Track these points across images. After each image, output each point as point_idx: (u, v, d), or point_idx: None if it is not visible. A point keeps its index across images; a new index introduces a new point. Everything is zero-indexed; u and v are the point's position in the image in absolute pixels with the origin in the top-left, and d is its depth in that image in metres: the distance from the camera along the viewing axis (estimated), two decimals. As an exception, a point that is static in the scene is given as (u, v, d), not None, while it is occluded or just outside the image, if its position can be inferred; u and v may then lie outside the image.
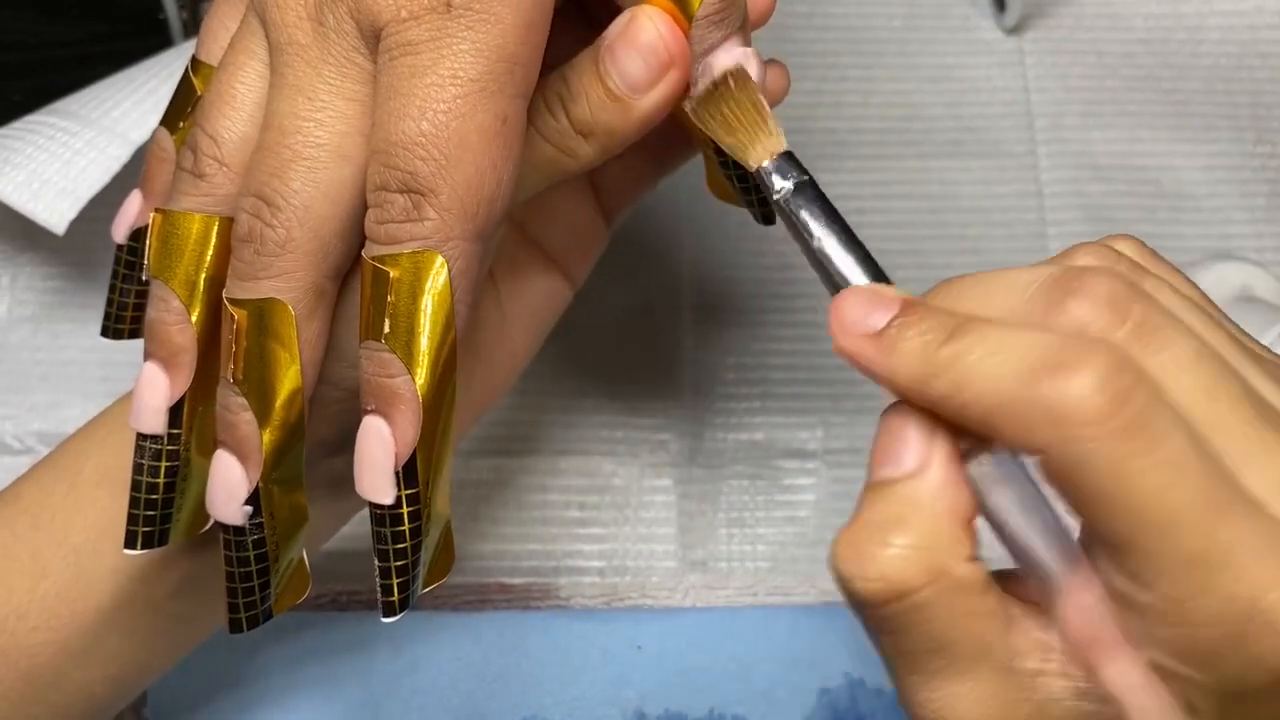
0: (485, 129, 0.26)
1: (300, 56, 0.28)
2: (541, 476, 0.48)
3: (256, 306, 0.28)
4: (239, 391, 0.28)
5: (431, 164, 0.26)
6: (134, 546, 0.30)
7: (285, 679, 0.44)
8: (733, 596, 0.46)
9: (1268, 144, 0.53)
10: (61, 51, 0.52)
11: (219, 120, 0.29)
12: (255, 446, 0.28)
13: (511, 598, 0.46)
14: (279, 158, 0.27)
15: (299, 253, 0.27)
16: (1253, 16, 0.55)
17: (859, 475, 0.48)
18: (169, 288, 0.29)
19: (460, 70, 0.26)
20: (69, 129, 0.44)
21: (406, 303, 0.27)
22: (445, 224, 0.26)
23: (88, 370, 0.49)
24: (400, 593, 0.28)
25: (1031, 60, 0.55)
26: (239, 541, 0.29)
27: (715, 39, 0.29)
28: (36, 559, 0.33)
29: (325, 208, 0.27)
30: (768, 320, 0.50)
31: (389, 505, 0.27)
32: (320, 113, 0.27)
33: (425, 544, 0.29)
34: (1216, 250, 0.51)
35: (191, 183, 0.29)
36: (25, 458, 0.48)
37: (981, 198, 0.52)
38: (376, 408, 0.27)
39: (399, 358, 0.27)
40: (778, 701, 0.44)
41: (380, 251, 0.27)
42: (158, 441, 0.30)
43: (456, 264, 0.27)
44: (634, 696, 0.44)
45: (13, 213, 0.43)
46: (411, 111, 0.26)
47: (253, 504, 0.29)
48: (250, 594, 0.30)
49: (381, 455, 0.27)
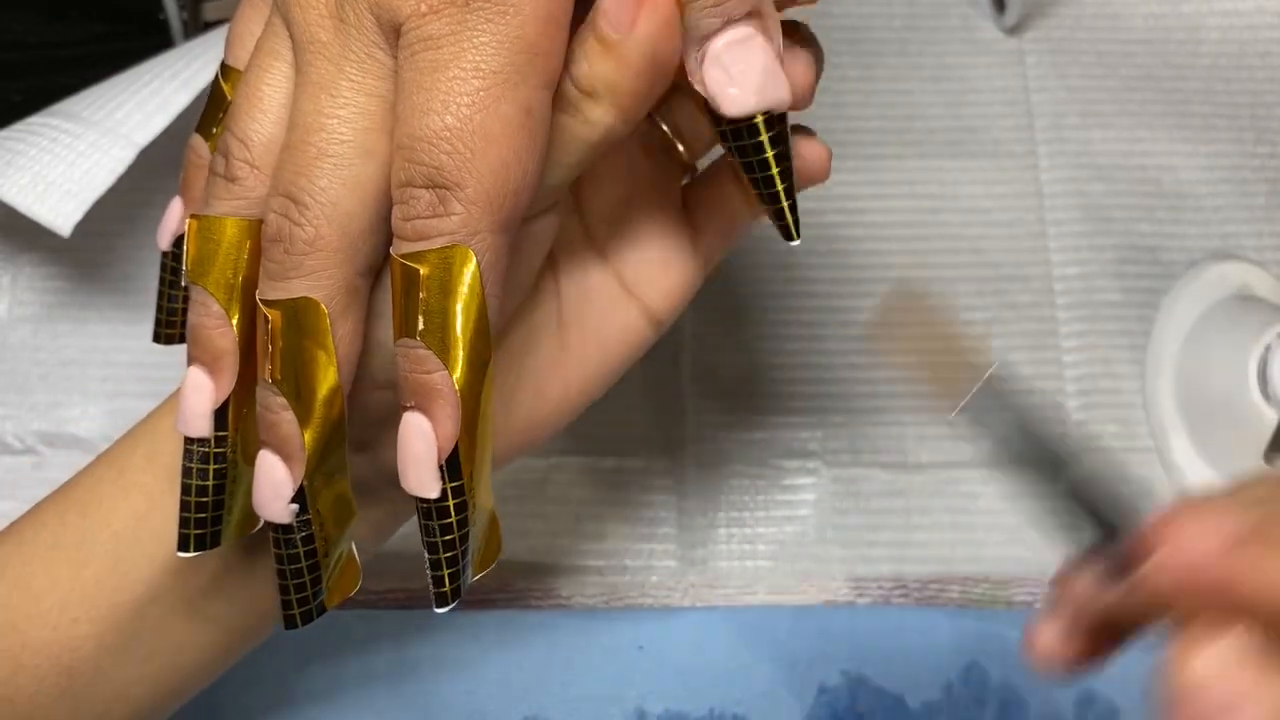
0: (509, 120, 0.26)
1: (322, 54, 0.27)
2: (540, 476, 0.48)
3: (290, 306, 0.28)
4: (278, 391, 0.28)
5: (456, 158, 0.26)
6: (186, 549, 0.30)
7: (286, 679, 0.44)
8: (733, 596, 0.46)
9: (1268, 144, 0.53)
10: (62, 52, 0.52)
11: (248, 123, 0.29)
12: (298, 445, 0.28)
13: (512, 597, 0.46)
14: (304, 155, 0.27)
15: (328, 250, 0.27)
16: (1253, 16, 0.55)
17: (859, 475, 0.48)
18: (207, 292, 0.29)
19: (482, 63, 0.26)
20: (72, 131, 0.44)
21: (438, 299, 0.27)
22: (472, 218, 0.26)
23: (88, 370, 0.49)
24: (452, 583, 0.29)
25: (1031, 60, 0.55)
26: (288, 539, 0.29)
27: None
28: (81, 548, 0.33)
29: (352, 204, 0.27)
30: (768, 320, 0.50)
31: (435, 499, 0.28)
32: (344, 109, 0.27)
33: (472, 534, 0.29)
34: (1216, 250, 0.51)
35: (224, 187, 0.29)
36: (25, 458, 0.48)
37: (981, 198, 0.52)
38: (416, 404, 0.27)
39: (435, 353, 0.27)
40: (778, 701, 0.44)
41: (408, 249, 0.27)
42: (205, 445, 0.30)
43: (485, 257, 0.27)
44: (635, 696, 0.44)
45: (13, 212, 0.43)
46: (435, 106, 0.26)
47: (299, 502, 0.29)
48: (302, 589, 0.30)
49: (424, 450, 0.27)
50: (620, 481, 0.48)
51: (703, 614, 0.45)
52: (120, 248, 0.51)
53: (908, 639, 0.44)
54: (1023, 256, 0.51)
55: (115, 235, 0.50)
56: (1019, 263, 0.51)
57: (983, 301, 0.50)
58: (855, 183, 0.52)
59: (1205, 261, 0.50)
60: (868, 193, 0.52)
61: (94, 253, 0.51)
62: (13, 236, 0.51)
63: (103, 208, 0.42)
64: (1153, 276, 0.51)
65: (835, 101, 0.54)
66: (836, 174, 0.53)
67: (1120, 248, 0.52)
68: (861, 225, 0.52)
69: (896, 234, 0.51)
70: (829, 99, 0.54)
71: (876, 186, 0.53)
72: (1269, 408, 0.45)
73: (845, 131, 0.54)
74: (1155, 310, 0.50)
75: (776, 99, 0.28)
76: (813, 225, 0.51)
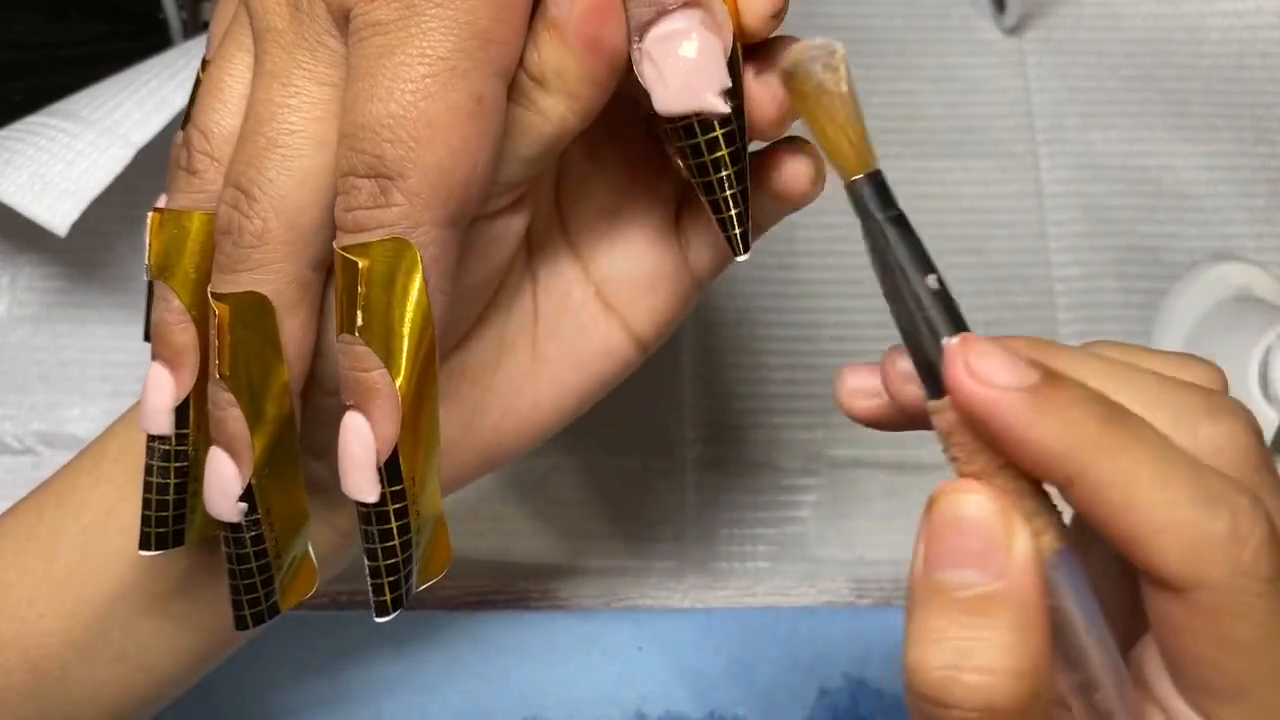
0: (457, 109, 0.25)
1: (276, 42, 0.27)
2: (540, 476, 0.48)
3: (237, 301, 0.27)
4: (226, 388, 0.27)
5: (399, 146, 0.25)
6: (148, 547, 0.30)
7: (286, 680, 0.44)
8: (732, 597, 0.46)
9: (1268, 144, 0.53)
10: (62, 51, 0.52)
11: (209, 115, 0.28)
12: (246, 443, 0.28)
13: (511, 598, 0.46)
14: (255, 146, 0.27)
15: (276, 243, 0.27)
16: (1253, 16, 0.55)
17: (859, 476, 0.48)
18: (169, 287, 0.28)
19: (429, 49, 0.25)
20: (70, 130, 0.44)
21: (379, 294, 0.26)
22: (414, 209, 0.25)
23: (87, 370, 0.49)
24: (392, 592, 0.28)
25: (1031, 60, 0.55)
26: (237, 539, 0.29)
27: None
28: (52, 539, 0.33)
29: (302, 196, 0.27)
30: (768, 320, 0.50)
31: (374, 503, 0.27)
32: (294, 98, 0.27)
33: (416, 541, 0.28)
34: (1216, 250, 0.51)
35: (185, 180, 0.28)
36: (25, 458, 0.48)
37: (981, 198, 0.52)
38: (355, 403, 0.26)
39: (374, 351, 0.26)
40: (778, 702, 0.44)
41: (349, 241, 0.26)
42: (166, 442, 0.29)
43: (428, 251, 0.26)
44: (634, 697, 0.44)
45: (12, 213, 0.43)
46: (378, 93, 0.25)
47: (247, 501, 0.28)
48: (253, 590, 0.30)
49: (363, 452, 0.26)
50: (620, 481, 0.48)
51: (703, 615, 0.45)
52: (120, 248, 0.51)
53: (908, 640, 0.44)
54: (1023, 257, 0.51)
55: (115, 235, 0.50)
56: (1019, 263, 0.51)
57: (983, 302, 0.50)
58: (855, 183, 0.52)
59: (1205, 262, 0.50)
60: (868, 193, 0.52)
61: (93, 253, 0.51)
62: (12, 237, 0.51)
63: (102, 208, 0.42)
64: (1153, 277, 0.51)
65: (835, 102, 0.54)
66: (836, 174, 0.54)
67: (1120, 248, 0.51)
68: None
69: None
70: (829, 99, 0.54)
71: (876, 187, 0.52)
72: (1270, 408, 0.45)
73: (845, 132, 0.53)
74: (1155, 310, 0.50)
75: (706, 103, 0.26)
76: (813, 225, 0.51)
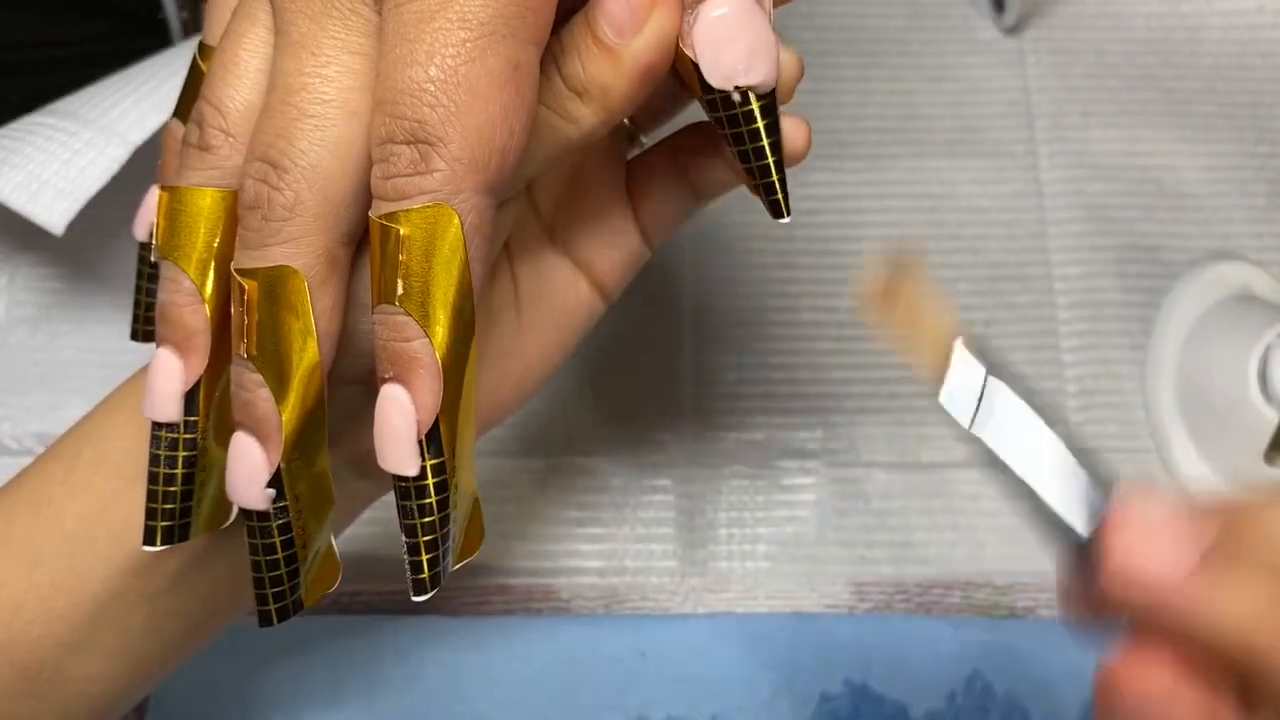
0: (496, 74, 0.25)
1: (303, 12, 0.26)
2: (540, 476, 0.48)
3: (267, 275, 0.26)
4: (253, 368, 0.26)
5: (440, 110, 0.24)
6: (153, 543, 0.29)
7: (289, 683, 0.44)
8: (733, 600, 0.46)
9: (1268, 144, 0.53)
10: (61, 51, 0.52)
11: (223, 89, 0.27)
12: (275, 425, 0.27)
13: (511, 599, 0.46)
14: (284, 117, 0.26)
15: (308, 216, 0.26)
16: (1253, 16, 0.55)
17: (859, 475, 0.48)
18: (179, 267, 0.28)
19: (469, 13, 0.25)
20: (68, 129, 0.44)
21: (420, 261, 0.25)
22: (456, 175, 0.25)
23: (86, 371, 0.49)
24: (430, 569, 0.27)
25: (1031, 60, 0.55)
26: (264, 528, 0.28)
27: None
28: (30, 546, 0.32)
29: (334, 167, 0.26)
30: (768, 320, 0.50)
31: (414, 477, 0.26)
32: (326, 68, 0.26)
33: (454, 517, 0.27)
34: (1216, 250, 0.51)
35: (198, 156, 0.28)
36: (24, 458, 0.48)
37: (981, 198, 0.52)
38: (395, 374, 0.26)
39: (415, 319, 0.25)
40: (780, 709, 0.43)
41: (388, 209, 0.25)
42: (174, 430, 0.28)
43: (469, 218, 0.25)
44: (637, 703, 0.44)
45: (11, 213, 0.42)
46: (419, 57, 0.25)
47: (275, 486, 0.27)
48: (279, 583, 0.28)
49: (403, 424, 0.26)
50: (620, 482, 0.48)
51: (705, 621, 0.45)
52: (117, 248, 0.51)
53: (910, 648, 0.44)
54: (1023, 256, 0.51)
55: (112, 235, 0.50)
56: (1019, 263, 0.51)
57: (982, 301, 0.50)
58: (855, 183, 0.52)
59: (1205, 261, 0.50)
60: (867, 193, 0.52)
61: (91, 253, 0.50)
62: (10, 237, 0.51)
63: (100, 208, 0.42)
64: (1153, 276, 0.51)
65: (835, 101, 0.54)
66: (836, 174, 0.54)
67: (1120, 248, 0.51)
68: (861, 225, 0.51)
69: (896, 234, 0.51)
70: (829, 99, 0.54)
71: (876, 186, 0.52)
72: (1269, 408, 0.45)
73: (845, 131, 0.53)
74: (1155, 310, 0.50)
75: (764, 75, 0.27)
76: (813, 225, 0.51)
